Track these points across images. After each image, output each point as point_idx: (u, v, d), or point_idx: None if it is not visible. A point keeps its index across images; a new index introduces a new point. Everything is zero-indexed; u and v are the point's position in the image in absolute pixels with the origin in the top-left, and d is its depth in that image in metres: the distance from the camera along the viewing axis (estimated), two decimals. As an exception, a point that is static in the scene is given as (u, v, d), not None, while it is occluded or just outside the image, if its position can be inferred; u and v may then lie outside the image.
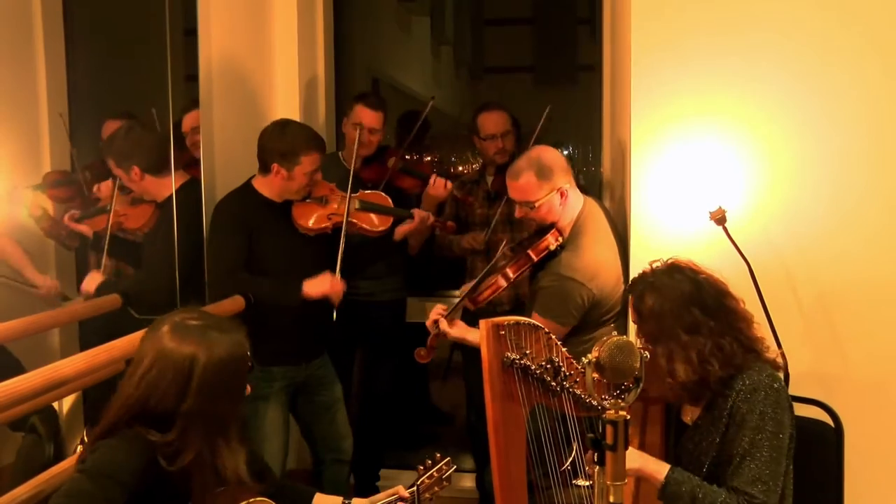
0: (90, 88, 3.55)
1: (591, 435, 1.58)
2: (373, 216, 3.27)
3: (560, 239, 2.84)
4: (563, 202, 2.82)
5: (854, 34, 2.76)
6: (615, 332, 1.61)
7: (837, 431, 2.41)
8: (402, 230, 3.37)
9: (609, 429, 1.51)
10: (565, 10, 6.43)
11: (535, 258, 2.82)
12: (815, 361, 2.82)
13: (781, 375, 2.24)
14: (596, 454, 1.57)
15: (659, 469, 2.10)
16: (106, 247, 3.02)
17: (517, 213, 2.92)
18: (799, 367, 2.73)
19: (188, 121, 3.39)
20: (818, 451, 2.43)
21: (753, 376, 2.13)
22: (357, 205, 3.23)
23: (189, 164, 3.30)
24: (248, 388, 2.01)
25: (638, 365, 1.57)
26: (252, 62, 3.67)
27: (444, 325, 2.83)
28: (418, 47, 6.24)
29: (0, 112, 3.17)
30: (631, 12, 2.88)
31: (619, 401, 1.56)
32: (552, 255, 2.84)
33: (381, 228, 3.28)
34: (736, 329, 2.20)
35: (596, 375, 1.59)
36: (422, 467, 2.23)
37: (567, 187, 2.83)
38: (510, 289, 3.01)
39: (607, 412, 1.53)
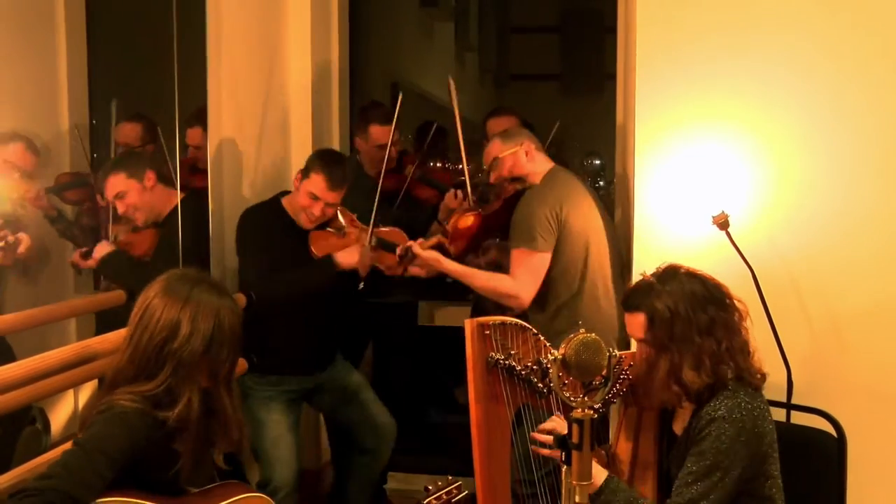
0: (109, 92, 3.61)
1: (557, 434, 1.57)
2: (387, 256, 3.22)
3: (525, 182, 2.98)
4: (530, 159, 2.99)
5: (863, 37, 2.73)
6: (583, 329, 1.59)
7: (840, 441, 2.37)
8: (413, 270, 3.27)
9: (575, 428, 1.50)
10: (592, 18, 6.41)
11: (502, 195, 3.01)
12: (819, 369, 2.77)
13: (759, 392, 2.16)
14: (563, 454, 1.56)
15: (597, 475, 2.04)
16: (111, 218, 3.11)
17: (490, 179, 3.06)
18: (802, 375, 2.69)
19: (192, 135, 3.43)
20: (820, 460, 2.39)
21: (720, 406, 2.06)
22: (373, 241, 3.19)
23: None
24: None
25: (605, 363, 1.56)
26: (263, 65, 3.69)
27: (417, 248, 2.96)
28: (441, 53, 6.26)
29: (23, 115, 3.25)
30: (637, 17, 2.87)
31: (586, 399, 1.54)
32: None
33: (393, 268, 3.22)
34: (737, 331, 2.15)
35: (562, 373, 1.57)
36: (430, 487, 2.06)
37: (532, 148, 3.00)
38: (483, 230, 3.11)
39: (574, 411, 1.52)
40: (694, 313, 2.09)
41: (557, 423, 2.11)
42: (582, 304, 2.91)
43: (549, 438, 2.10)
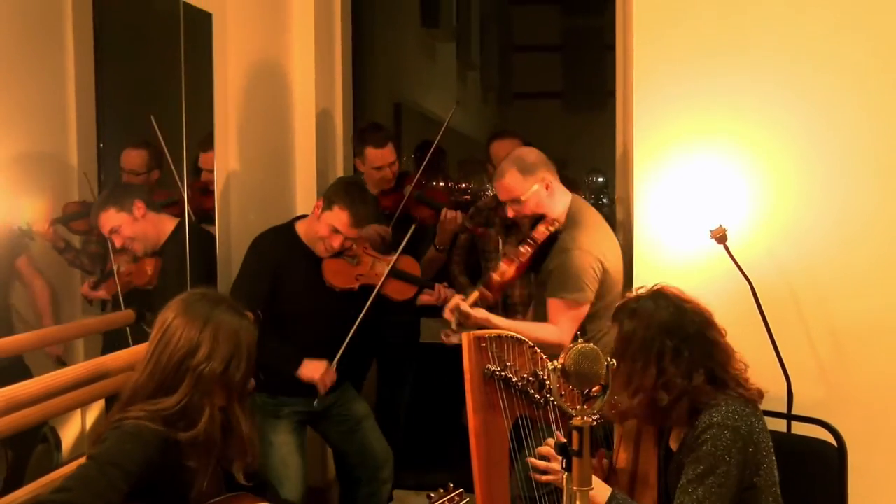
0: (117, 117, 3.65)
1: (557, 440, 1.60)
2: (399, 284, 3.24)
3: (556, 224, 2.89)
4: (550, 194, 2.89)
5: (858, 50, 2.77)
6: (581, 340, 1.63)
7: (840, 451, 2.39)
8: (423, 300, 3.31)
9: (574, 435, 1.53)
10: (593, 36, 6.48)
11: (538, 240, 2.87)
12: (819, 380, 2.80)
13: (751, 410, 2.13)
14: (563, 460, 1.59)
15: (601, 493, 2.04)
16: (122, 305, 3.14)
17: (509, 213, 2.98)
18: (802, 386, 2.71)
19: (206, 159, 3.46)
20: (821, 470, 2.40)
21: (714, 413, 2.07)
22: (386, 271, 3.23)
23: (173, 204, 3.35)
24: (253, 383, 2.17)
25: (603, 372, 1.59)
26: (268, 88, 3.73)
27: (465, 307, 2.84)
28: (444, 73, 6.32)
29: (31, 141, 3.29)
30: (634, 33, 2.92)
31: (585, 407, 1.58)
32: (552, 242, 2.89)
33: (404, 298, 3.25)
34: (714, 361, 2.14)
35: (560, 382, 1.61)
36: (432, 494, 2.05)
37: (552, 180, 2.90)
38: (522, 276, 3.05)
39: (574, 419, 1.56)
40: (649, 341, 2.10)
41: (553, 448, 2.11)
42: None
43: (543, 464, 2.13)
